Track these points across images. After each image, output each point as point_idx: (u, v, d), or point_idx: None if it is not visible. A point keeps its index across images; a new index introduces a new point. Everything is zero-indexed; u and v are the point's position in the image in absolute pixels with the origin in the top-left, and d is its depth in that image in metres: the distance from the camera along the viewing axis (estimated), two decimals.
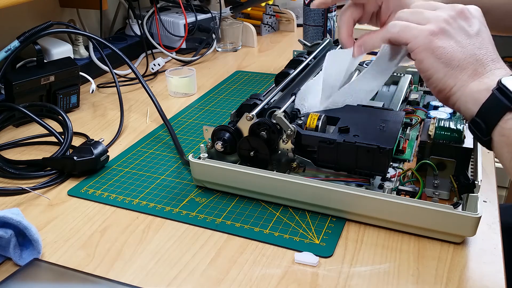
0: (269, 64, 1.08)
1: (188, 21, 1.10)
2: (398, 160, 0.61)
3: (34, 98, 0.77)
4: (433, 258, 0.48)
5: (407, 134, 0.64)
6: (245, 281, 0.45)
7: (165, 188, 0.60)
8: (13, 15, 0.90)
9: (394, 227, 0.51)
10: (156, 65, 1.02)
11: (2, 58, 0.75)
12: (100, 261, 0.48)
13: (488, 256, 0.48)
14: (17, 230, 0.48)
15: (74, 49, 0.96)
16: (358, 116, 0.58)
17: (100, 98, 0.91)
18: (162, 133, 0.76)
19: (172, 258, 0.49)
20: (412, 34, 0.47)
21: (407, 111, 0.70)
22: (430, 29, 0.46)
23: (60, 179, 0.63)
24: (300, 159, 0.56)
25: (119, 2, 1.16)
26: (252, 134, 0.56)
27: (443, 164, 0.54)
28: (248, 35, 1.20)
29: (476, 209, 0.47)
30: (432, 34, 0.46)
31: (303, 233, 0.51)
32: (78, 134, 0.76)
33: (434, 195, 0.55)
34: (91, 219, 0.55)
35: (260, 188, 0.55)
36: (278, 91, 0.65)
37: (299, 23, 1.35)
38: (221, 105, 0.86)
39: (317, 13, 1.01)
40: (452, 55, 0.46)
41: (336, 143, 0.53)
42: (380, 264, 0.47)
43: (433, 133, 0.55)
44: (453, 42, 0.46)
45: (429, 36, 0.46)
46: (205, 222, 0.54)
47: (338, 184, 0.52)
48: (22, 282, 0.44)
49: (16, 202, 0.59)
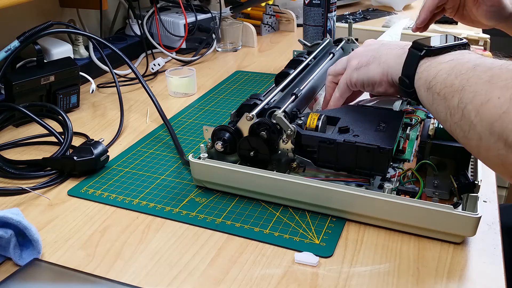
0: (269, 64, 1.08)
1: (188, 21, 1.10)
2: (398, 160, 0.61)
3: (34, 98, 0.77)
4: (433, 258, 0.48)
5: (407, 134, 0.64)
6: (245, 281, 0.45)
7: (165, 188, 0.60)
8: (13, 15, 0.90)
9: (394, 227, 0.51)
10: (156, 65, 1.02)
11: (2, 58, 0.75)
12: (100, 261, 0.48)
13: (488, 256, 0.48)
14: (17, 230, 0.48)
15: (74, 49, 0.96)
16: (358, 116, 0.58)
17: (100, 98, 0.91)
18: (162, 133, 0.76)
19: (172, 258, 0.49)
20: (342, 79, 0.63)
21: (407, 111, 0.70)
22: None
23: (60, 179, 0.63)
24: (300, 159, 0.56)
25: (119, 2, 1.16)
26: (252, 134, 0.56)
27: (443, 164, 0.54)
28: (248, 35, 1.20)
29: (476, 209, 0.47)
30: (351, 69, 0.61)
31: (303, 233, 0.51)
32: (78, 134, 0.76)
33: (434, 195, 0.55)
34: (91, 219, 0.55)
35: (260, 188, 0.55)
36: (278, 91, 0.65)
37: (299, 23, 1.35)
38: (221, 105, 0.86)
39: (317, 13, 1.01)
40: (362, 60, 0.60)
41: (336, 143, 0.53)
42: (380, 264, 0.47)
43: (433, 133, 0.55)
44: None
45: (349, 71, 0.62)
46: (205, 222, 0.54)
47: (338, 184, 0.52)
48: (22, 282, 0.44)
49: (16, 202, 0.59)
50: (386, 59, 0.56)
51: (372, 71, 0.57)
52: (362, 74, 0.59)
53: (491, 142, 0.39)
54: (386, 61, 0.56)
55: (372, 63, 0.58)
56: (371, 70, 0.58)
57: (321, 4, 1.00)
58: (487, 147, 0.40)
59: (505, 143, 0.38)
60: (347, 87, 0.62)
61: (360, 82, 0.59)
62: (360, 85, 0.60)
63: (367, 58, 0.59)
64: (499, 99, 0.38)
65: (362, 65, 0.59)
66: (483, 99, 0.39)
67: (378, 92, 0.59)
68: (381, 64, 0.57)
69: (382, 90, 0.58)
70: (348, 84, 0.61)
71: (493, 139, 0.39)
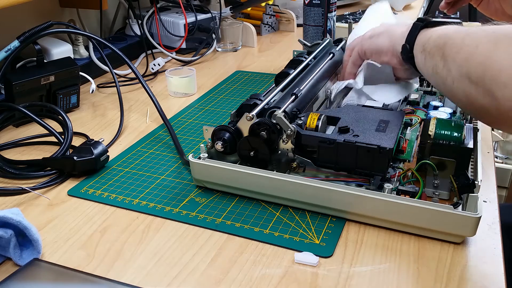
0: (269, 64, 1.08)
1: (188, 21, 1.10)
2: (398, 160, 0.61)
3: (34, 98, 0.77)
4: (433, 258, 0.48)
5: (407, 134, 0.64)
6: (245, 281, 0.45)
7: (165, 188, 0.60)
8: (13, 15, 0.90)
9: (394, 227, 0.51)
10: (156, 65, 1.02)
11: (2, 58, 0.75)
12: (100, 261, 0.48)
13: (488, 256, 0.48)
14: (17, 230, 0.48)
15: (74, 49, 0.96)
16: (358, 116, 0.58)
17: (100, 98, 0.91)
18: (162, 133, 0.76)
19: (172, 258, 0.49)
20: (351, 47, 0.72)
21: (407, 111, 0.70)
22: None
23: (60, 179, 0.63)
24: (300, 159, 0.56)
25: (119, 2, 1.16)
26: (252, 134, 0.56)
27: (443, 164, 0.54)
28: (248, 35, 1.20)
29: (476, 209, 0.47)
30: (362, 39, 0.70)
31: (303, 233, 0.51)
32: (78, 134, 0.76)
33: (434, 195, 0.55)
34: (91, 219, 0.55)
35: (260, 188, 0.55)
36: (278, 91, 0.65)
37: (299, 23, 1.35)
38: (221, 105, 0.86)
39: (317, 13, 1.01)
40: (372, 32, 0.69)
41: (336, 143, 0.53)
42: (380, 264, 0.47)
43: (433, 133, 0.55)
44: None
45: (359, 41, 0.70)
46: (205, 222, 0.54)
47: (338, 184, 0.52)
48: (22, 282, 0.44)
49: (16, 202, 0.59)
50: (394, 33, 0.64)
51: (381, 41, 0.65)
52: (373, 43, 0.67)
53: (460, 82, 0.50)
54: (394, 34, 0.64)
55: (383, 35, 0.66)
56: (381, 40, 0.66)
57: (321, 4, 1.00)
58: (458, 88, 0.50)
59: (469, 81, 0.48)
60: (357, 54, 0.70)
61: (369, 50, 0.67)
62: (369, 52, 0.68)
63: (380, 30, 0.67)
64: (468, 46, 0.49)
65: (374, 35, 0.67)
66: (457, 48, 0.50)
67: (383, 61, 0.66)
68: (389, 36, 0.65)
69: (387, 59, 0.65)
70: (359, 52, 0.69)
71: (462, 78, 0.49)
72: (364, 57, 0.69)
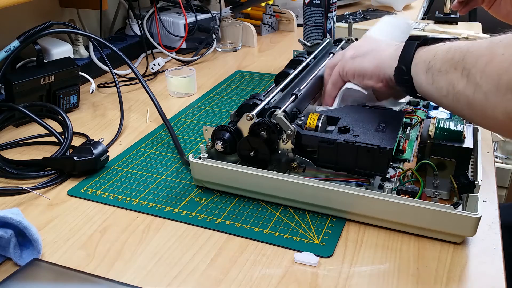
0: (269, 64, 1.08)
1: (188, 21, 1.10)
2: (398, 160, 0.61)
3: (34, 98, 0.77)
4: (433, 258, 0.48)
5: (407, 134, 0.64)
6: (245, 281, 0.45)
7: (165, 188, 0.60)
8: (13, 15, 0.90)
9: (394, 227, 0.51)
10: (156, 65, 1.02)
11: (2, 58, 0.75)
12: (100, 261, 0.48)
13: (488, 256, 0.48)
14: (17, 230, 0.48)
15: (74, 49, 0.96)
16: (358, 116, 0.58)
17: (100, 98, 0.91)
18: (162, 133, 0.76)
19: (172, 258, 0.49)
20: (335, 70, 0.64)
21: (407, 111, 0.70)
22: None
23: (60, 179, 0.63)
24: (300, 159, 0.56)
25: (119, 2, 1.16)
26: (252, 134, 0.56)
27: (443, 164, 0.54)
28: (248, 35, 1.20)
29: (476, 209, 0.47)
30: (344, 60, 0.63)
31: (303, 233, 0.51)
32: (78, 134, 0.76)
33: (434, 195, 0.55)
34: (91, 219, 0.55)
35: (260, 188, 0.55)
36: (278, 91, 0.65)
37: (299, 23, 1.35)
38: (221, 105, 0.86)
39: (317, 13, 1.01)
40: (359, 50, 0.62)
41: (336, 143, 0.53)
42: (380, 264, 0.47)
43: (433, 133, 0.55)
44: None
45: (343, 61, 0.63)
46: (205, 222, 0.54)
47: (338, 184, 0.52)
48: (22, 282, 0.44)
49: (16, 202, 0.59)
50: (381, 55, 0.58)
51: (366, 63, 0.59)
52: (356, 64, 0.60)
53: (498, 97, 0.41)
54: (381, 56, 0.58)
55: (369, 55, 0.59)
56: (366, 61, 0.59)
57: (321, 4, 1.00)
58: (494, 105, 0.42)
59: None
60: (338, 75, 0.63)
61: (351, 72, 0.60)
62: (351, 75, 0.61)
63: (365, 49, 0.60)
64: (503, 55, 0.41)
65: (359, 55, 0.60)
66: (487, 59, 0.42)
67: (366, 85, 0.60)
68: (375, 59, 0.58)
69: (371, 83, 0.59)
70: (340, 73, 0.63)
71: (501, 93, 0.41)
72: (345, 78, 0.63)
